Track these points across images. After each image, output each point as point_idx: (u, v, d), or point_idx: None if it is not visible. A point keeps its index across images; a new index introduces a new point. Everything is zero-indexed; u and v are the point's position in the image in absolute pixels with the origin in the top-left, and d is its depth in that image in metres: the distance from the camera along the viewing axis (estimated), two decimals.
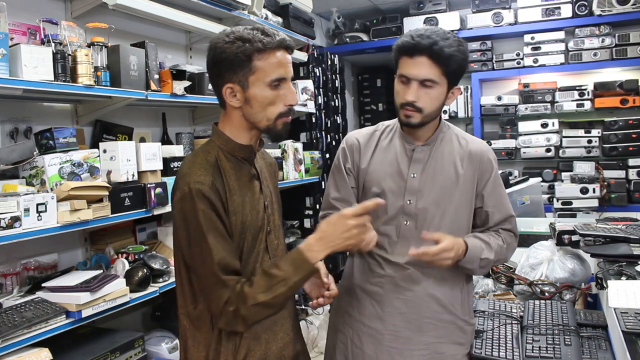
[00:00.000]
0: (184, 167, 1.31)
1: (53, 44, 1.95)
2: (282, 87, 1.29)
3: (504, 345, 1.73)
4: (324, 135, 4.30)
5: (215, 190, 1.25)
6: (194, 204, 1.23)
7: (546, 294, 2.13)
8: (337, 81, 4.61)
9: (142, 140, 2.67)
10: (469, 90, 4.65)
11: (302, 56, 3.87)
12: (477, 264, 1.57)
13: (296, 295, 3.26)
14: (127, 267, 2.19)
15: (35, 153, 1.94)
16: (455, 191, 1.60)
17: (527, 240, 2.65)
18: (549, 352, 1.64)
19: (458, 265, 1.57)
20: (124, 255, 2.29)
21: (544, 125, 4.31)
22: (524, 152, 4.41)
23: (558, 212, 3.91)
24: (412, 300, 1.58)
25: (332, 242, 1.25)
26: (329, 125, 4.40)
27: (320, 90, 4.29)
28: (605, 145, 4.21)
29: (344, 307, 1.68)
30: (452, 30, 4.84)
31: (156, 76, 2.41)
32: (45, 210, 1.83)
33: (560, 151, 4.32)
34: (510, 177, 3.54)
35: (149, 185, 2.25)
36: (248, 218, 1.32)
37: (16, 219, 1.73)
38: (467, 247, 1.53)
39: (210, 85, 2.72)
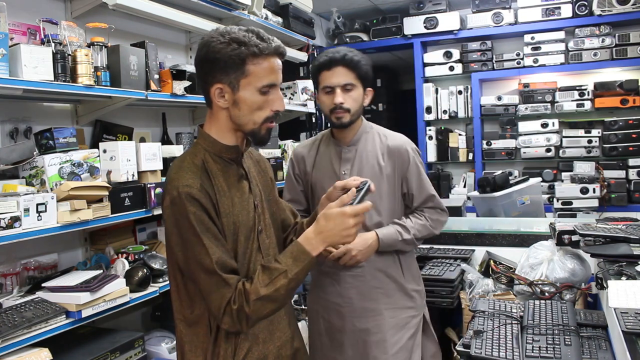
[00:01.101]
0: (171, 171, 1.31)
1: (53, 44, 1.95)
2: (271, 93, 1.30)
3: (504, 345, 1.73)
4: None
5: (204, 193, 1.25)
6: (185, 207, 1.22)
7: (546, 294, 2.13)
8: None
9: (142, 140, 2.67)
10: (469, 90, 4.65)
11: (302, 56, 3.87)
12: (400, 245, 1.90)
13: (295, 296, 3.27)
14: (127, 267, 2.19)
15: (35, 153, 1.94)
16: (382, 182, 1.92)
17: (527, 240, 2.65)
18: (549, 352, 1.64)
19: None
20: (124, 255, 2.29)
21: (544, 125, 4.31)
22: (524, 152, 4.41)
23: (558, 212, 3.91)
24: (361, 274, 1.92)
25: (331, 238, 1.26)
26: (328, 125, 4.39)
27: None
28: (605, 145, 4.21)
29: (314, 290, 2.04)
30: (452, 30, 4.89)
31: (156, 76, 2.41)
32: (45, 210, 1.83)
33: (560, 151, 4.32)
34: (510, 177, 3.54)
35: (149, 185, 2.25)
36: (239, 219, 1.33)
37: (16, 219, 1.73)
38: (378, 238, 1.86)
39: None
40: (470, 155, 4.68)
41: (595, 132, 4.24)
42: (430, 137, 4.80)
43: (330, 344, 1.96)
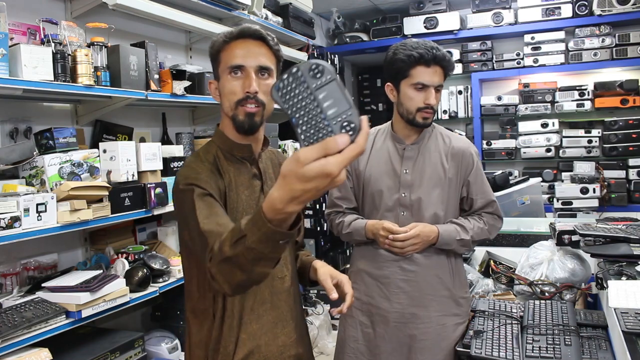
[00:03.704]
0: (183, 166, 1.35)
1: (53, 44, 1.95)
2: (242, 76, 1.30)
3: (504, 345, 1.73)
4: None
5: (212, 182, 1.27)
6: (192, 192, 1.23)
7: (546, 294, 2.13)
8: None
9: (142, 140, 2.67)
10: (469, 90, 4.65)
11: (302, 56, 3.87)
12: (455, 245, 1.82)
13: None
14: (127, 267, 2.19)
15: (35, 153, 1.94)
16: (443, 182, 1.84)
17: (527, 240, 2.65)
18: (549, 352, 1.64)
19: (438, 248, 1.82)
20: (124, 255, 2.29)
21: (544, 125, 4.31)
22: (524, 152, 4.41)
23: (558, 212, 3.91)
24: (414, 279, 1.82)
25: (295, 194, 0.79)
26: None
27: None
28: (605, 145, 4.21)
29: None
30: (452, 30, 4.89)
31: (156, 76, 2.41)
32: (45, 210, 1.83)
33: (561, 151, 4.32)
34: (510, 177, 3.54)
35: (149, 185, 2.25)
36: (243, 216, 1.30)
37: (16, 219, 1.73)
38: (439, 233, 1.78)
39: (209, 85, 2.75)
40: None
41: (595, 132, 4.24)
42: None
43: (367, 350, 1.86)
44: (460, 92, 4.69)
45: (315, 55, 4.24)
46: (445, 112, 4.74)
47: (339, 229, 1.94)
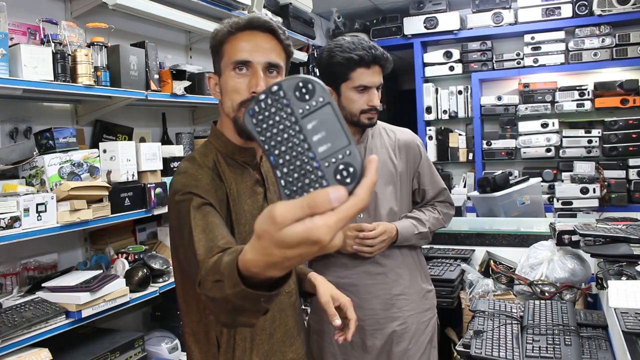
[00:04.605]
0: (178, 173, 1.18)
1: (53, 44, 1.95)
2: (248, 73, 1.16)
3: (504, 345, 1.73)
4: None
5: (214, 194, 1.14)
6: (189, 202, 1.08)
7: (546, 294, 2.13)
8: None
9: (142, 140, 2.67)
10: (469, 90, 4.65)
11: (302, 56, 3.87)
12: (415, 239, 1.81)
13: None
14: (127, 267, 2.19)
15: (35, 153, 1.94)
16: (395, 178, 1.82)
17: (527, 240, 2.65)
18: (549, 352, 1.64)
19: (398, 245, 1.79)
20: (124, 255, 2.29)
21: (544, 125, 4.31)
22: (524, 152, 4.41)
23: (558, 212, 3.91)
24: (382, 282, 1.80)
25: (273, 258, 0.59)
26: None
27: None
28: (605, 145, 4.21)
29: (317, 309, 1.80)
30: (452, 30, 4.89)
31: (156, 76, 2.41)
32: (45, 210, 1.83)
33: (561, 151, 4.32)
34: (510, 177, 3.54)
35: (149, 185, 2.25)
36: (246, 228, 1.19)
37: (16, 219, 1.73)
38: (397, 230, 1.76)
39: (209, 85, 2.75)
40: (470, 155, 4.68)
41: (595, 132, 4.24)
42: (430, 137, 4.80)
43: None
44: (460, 92, 4.69)
45: (315, 56, 4.23)
46: (445, 112, 4.74)
47: None
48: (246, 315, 0.79)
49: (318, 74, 1.78)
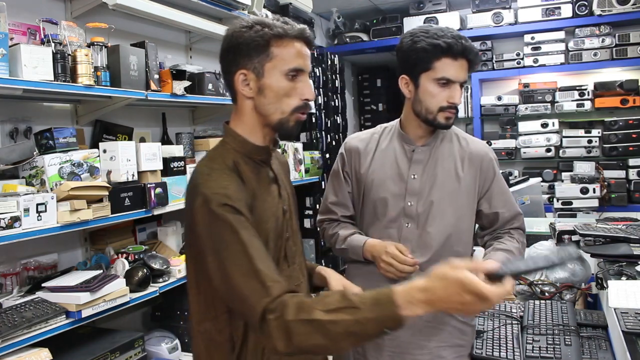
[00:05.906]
0: (199, 175, 1.16)
1: (53, 44, 1.95)
2: (299, 80, 1.18)
3: (504, 345, 1.73)
4: (324, 135, 4.30)
5: (241, 197, 1.12)
6: (222, 210, 1.08)
7: (546, 294, 2.13)
8: (337, 81, 4.61)
9: (142, 140, 2.67)
10: (469, 90, 4.65)
11: None
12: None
13: None
14: (127, 267, 2.19)
15: (35, 153, 1.94)
16: (457, 192, 1.59)
17: (527, 240, 2.64)
18: (549, 352, 1.64)
19: None
20: (124, 255, 2.29)
21: (544, 125, 4.31)
22: (524, 152, 4.41)
23: (558, 212, 3.91)
24: None
25: (438, 306, 0.98)
26: (329, 125, 4.40)
27: (321, 90, 4.29)
28: (605, 145, 4.21)
29: None
30: None
31: (156, 76, 2.41)
32: (45, 210, 1.83)
33: (561, 151, 4.32)
34: (510, 177, 3.54)
35: (149, 185, 2.25)
36: (268, 225, 1.20)
37: (16, 219, 1.73)
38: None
39: (210, 85, 2.76)
40: None
41: (595, 132, 4.24)
42: None
43: None
44: None
45: (315, 56, 4.23)
46: None
47: (332, 242, 1.70)
48: (352, 341, 1.00)
49: (396, 59, 1.61)
